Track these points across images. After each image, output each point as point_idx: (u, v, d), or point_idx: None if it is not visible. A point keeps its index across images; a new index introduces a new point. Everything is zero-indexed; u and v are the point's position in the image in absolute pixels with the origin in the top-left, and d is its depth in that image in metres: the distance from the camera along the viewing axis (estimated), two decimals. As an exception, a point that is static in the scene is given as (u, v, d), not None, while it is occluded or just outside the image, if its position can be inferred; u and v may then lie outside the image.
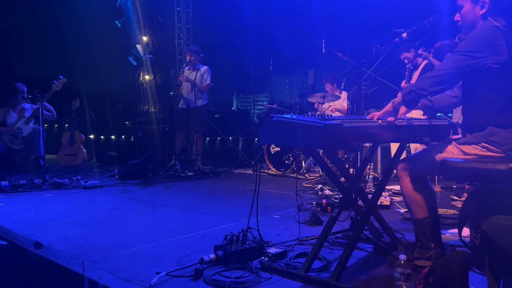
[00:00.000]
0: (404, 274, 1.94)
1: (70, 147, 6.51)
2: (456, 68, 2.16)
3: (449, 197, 4.39)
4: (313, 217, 3.42)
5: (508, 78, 2.13)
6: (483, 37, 2.14)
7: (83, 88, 16.76)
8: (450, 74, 2.18)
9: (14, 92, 6.29)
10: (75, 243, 2.86)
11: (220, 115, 46.33)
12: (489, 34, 2.14)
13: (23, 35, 52.06)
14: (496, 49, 2.11)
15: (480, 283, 1.98)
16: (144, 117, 8.14)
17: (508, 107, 2.14)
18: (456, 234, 2.58)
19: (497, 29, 2.15)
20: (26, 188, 5.17)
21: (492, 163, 2.00)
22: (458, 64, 2.16)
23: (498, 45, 2.11)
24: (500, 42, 2.11)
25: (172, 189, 5.46)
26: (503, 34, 2.14)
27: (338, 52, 5.91)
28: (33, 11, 50.18)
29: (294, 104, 7.32)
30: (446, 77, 2.18)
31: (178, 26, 10.26)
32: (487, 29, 2.16)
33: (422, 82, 2.23)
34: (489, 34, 2.14)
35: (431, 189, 2.50)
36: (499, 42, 2.11)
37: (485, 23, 2.23)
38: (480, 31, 2.18)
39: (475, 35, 2.18)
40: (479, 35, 2.16)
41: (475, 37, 2.17)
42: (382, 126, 2.32)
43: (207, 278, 2.17)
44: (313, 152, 2.60)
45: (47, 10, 51.96)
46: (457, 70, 2.17)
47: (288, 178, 6.35)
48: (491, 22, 2.19)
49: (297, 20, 41.40)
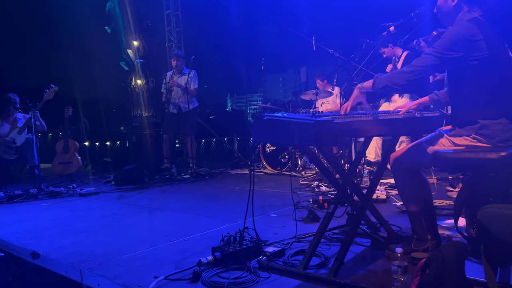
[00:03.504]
0: (401, 267, 1.94)
1: (65, 155, 6.48)
2: (432, 67, 2.19)
3: (445, 188, 4.41)
4: (310, 214, 3.42)
5: (490, 72, 2.12)
6: (458, 36, 2.12)
7: (76, 95, 16.71)
8: (424, 72, 2.20)
9: (6, 103, 6.26)
10: (72, 251, 2.85)
11: (215, 116, 46.28)
12: (465, 32, 2.12)
13: (13, 44, 51.79)
14: (474, 46, 2.10)
15: (477, 272, 1.99)
16: (138, 122, 8.13)
17: (494, 100, 2.13)
18: (453, 225, 2.59)
19: (474, 23, 2.13)
20: (22, 198, 5.14)
21: (484, 153, 2.01)
22: (432, 63, 2.17)
23: (476, 41, 2.09)
24: (478, 37, 2.09)
25: (169, 193, 5.45)
26: (480, 26, 2.12)
27: (329, 49, 5.91)
28: (23, 19, 49.91)
29: (287, 102, 7.33)
30: (420, 74, 2.20)
31: (168, 29, 10.23)
32: (463, 27, 2.14)
33: (396, 77, 2.24)
34: (465, 32, 2.12)
35: (425, 181, 2.50)
36: (477, 37, 2.10)
37: (462, 15, 2.21)
38: (456, 30, 2.16)
39: (450, 34, 2.16)
40: (455, 34, 2.14)
41: (451, 36, 2.15)
42: (373, 120, 2.32)
43: (206, 280, 2.17)
44: (306, 149, 2.60)
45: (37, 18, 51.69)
46: (433, 68, 2.20)
47: (285, 177, 6.35)
48: (468, 15, 2.18)
49: (285, 19, 41.48)
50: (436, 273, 1.71)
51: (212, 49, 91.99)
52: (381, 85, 2.27)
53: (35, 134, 5.70)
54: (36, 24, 53.80)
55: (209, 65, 78.76)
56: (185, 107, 6.69)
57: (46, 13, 43.27)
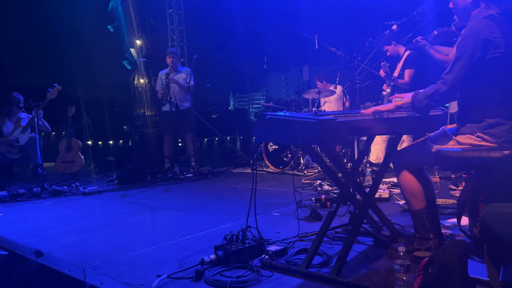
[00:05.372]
0: (404, 265, 1.94)
1: (68, 154, 6.50)
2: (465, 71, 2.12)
3: (447, 186, 4.39)
4: (313, 213, 3.42)
5: (504, 71, 2.10)
6: (477, 34, 2.09)
7: (79, 94, 16.75)
8: (460, 81, 2.15)
9: (10, 102, 6.28)
10: (75, 250, 2.86)
11: (218, 115, 46.28)
12: (482, 28, 2.09)
13: (17, 43, 51.97)
14: (492, 43, 2.07)
15: (480, 271, 1.98)
16: (140, 121, 8.14)
17: (505, 100, 2.12)
18: (455, 224, 2.59)
19: (491, 20, 2.11)
20: (25, 197, 5.17)
21: (487, 151, 2.00)
22: (465, 67, 2.11)
23: (494, 38, 2.07)
24: (496, 34, 2.07)
25: (171, 192, 5.46)
26: (497, 23, 2.09)
27: (332, 47, 5.91)
28: (26, 19, 50.04)
29: (290, 101, 7.34)
30: (457, 85, 2.17)
31: (171, 28, 10.23)
32: (480, 24, 2.11)
33: (435, 95, 2.20)
34: (482, 28, 2.09)
35: (428, 179, 2.50)
36: (495, 35, 2.07)
37: (478, 12, 2.18)
38: (474, 27, 2.13)
39: (470, 32, 2.12)
40: (474, 32, 2.11)
41: (470, 34, 2.12)
42: (376, 119, 2.32)
43: (208, 278, 2.18)
44: (308, 148, 2.60)
45: (40, 18, 51.79)
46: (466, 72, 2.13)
47: (287, 176, 6.35)
48: (485, 12, 2.15)
49: (288, 18, 41.46)
50: (438, 272, 1.70)
51: (214, 48, 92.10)
52: (422, 105, 2.24)
53: (38, 133, 5.72)
54: (39, 24, 53.96)
55: (212, 64, 78.79)
56: (183, 105, 6.74)
57: (49, 13, 43.38)
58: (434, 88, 2.21)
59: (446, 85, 2.16)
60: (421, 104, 2.25)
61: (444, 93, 2.17)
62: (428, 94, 2.22)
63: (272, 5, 51.83)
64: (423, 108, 2.26)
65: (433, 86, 2.22)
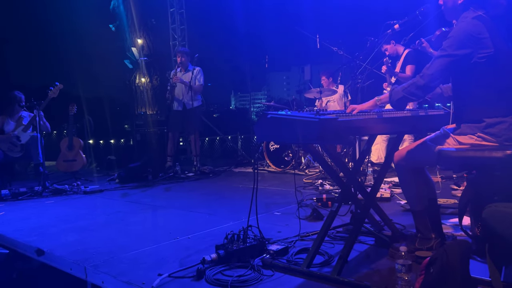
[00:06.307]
0: (405, 265, 1.94)
1: (69, 153, 6.50)
2: (443, 69, 2.16)
3: (449, 186, 4.39)
4: (314, 213, 3.42)
5: (496, 71, 2.11)
6: (465, 33, 2.11)
7: (80, 93, 16.76)
8: (438, 78, 2.17)
9: (11, 101, 6.28)
10: (76, 249, 2.86)
11: (219, 114, 46.24)
12: (471, 29, 2.11)
13: (18, 42, 52.05)
14: (480, 43, 2.09)
15: (482, 271, 1.98)
16: (142, 120, 8.15)
17: (501, 99, 2.12)
18: (457, 223, 2.58)
19: (479, 20, 2.12)
20: (27, 195, 5.17)
21: (489, 151, 2.00)
22: (442, 67, 2.15)
23: (482, 38, 2.09)
24: (484, 35, 2.09)
25: (172, 191, 5.46)
26: (485, 24, 2.11)
27: (333, 47, 5.90)
28: (28, 18, 50.10)
29: (291, 101, 7.33)
30: (435, 81, 2.18)
31: (172, 27, 10.24)
32: (469, 24, 2.13)
33: (412, 87, 2.21)
34: (471, 29, 2.11)
35: (429, 179, 2.49)
36: (483, 35, 2.09)
37: (467, 13, 2.20)
38: (462, 27, 2.15)
39: (457, 32, 2.15)
40: (462, 31, 2.13)
41: (458, 33, 2.14)
42: (378, 118, 2.31)
43: (209, 277, 2.17)
44: (310, 148, 2.60)
45: (42, 17, 51.87)
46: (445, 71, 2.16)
47: (288, 175, 6.35)
48: (473, 13, 2.16)
49: (290, 17, 41.40)
50: (440, 272, 1.70)
51: (216, 47, 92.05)
52: (397, 97, 2.25)
53: (39, 132, 5.72)
54: (41, 23, 54.05)
55: (213, 63, 78.82)
56: (190, 104, 6.71)
57: (50, 12, 43.43)
58: (413, 81, 2.23)
59: (424, 79, 2.18)
60: (397, 96, 2.26)
61: (421, 86, 2.18)
62: (405, 87, 2.24)
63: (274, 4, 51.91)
64: (398, 100, 2.26)
65: (412, 80, 2.25)
